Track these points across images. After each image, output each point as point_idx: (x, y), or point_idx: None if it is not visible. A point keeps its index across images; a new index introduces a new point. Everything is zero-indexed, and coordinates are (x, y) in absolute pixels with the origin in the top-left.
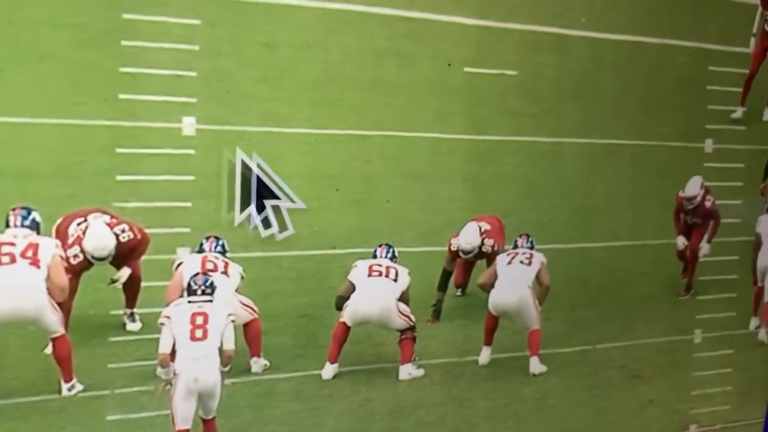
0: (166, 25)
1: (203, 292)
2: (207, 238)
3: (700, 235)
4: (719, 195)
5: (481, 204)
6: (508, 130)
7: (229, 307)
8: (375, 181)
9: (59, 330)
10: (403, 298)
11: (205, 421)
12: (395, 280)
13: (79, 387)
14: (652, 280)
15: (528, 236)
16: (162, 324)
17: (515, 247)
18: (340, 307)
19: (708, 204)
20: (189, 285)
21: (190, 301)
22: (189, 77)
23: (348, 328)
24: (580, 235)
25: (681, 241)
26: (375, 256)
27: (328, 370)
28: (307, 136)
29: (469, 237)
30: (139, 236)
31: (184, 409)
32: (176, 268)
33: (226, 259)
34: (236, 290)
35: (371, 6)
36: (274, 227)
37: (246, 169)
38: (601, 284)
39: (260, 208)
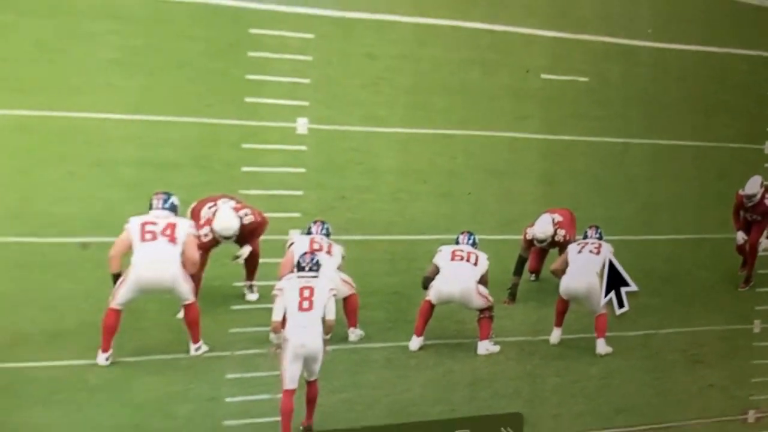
0: (286, 39)
1: (310, 269)
2: (314, 222)
3: (760, 231)
4: None
5: (553, 198)
6: (579, 131)
7: (331, 282)
8: (459, 175)
9: (190, 298)
10: (483, 280)
11: (309, 382)
12: (475, 264)
13: (204, 348)
14: (713, 272)
15: (597, 228)
16: (275, 295)
17: (585, 237)
18: (426, 287)
19: (767, 202)
20: (298, 262)
21: (299, 277)
22: (303, 84)
23: (433, 306)
24: (645, 228)
25: (740, 236)
26: (458, 242)
27: (415, 343)
28: (400, 135)
29: (543, 227)
30: (259, 219)
31: (291, 371)
32: (288, 248)
33: (330, 241)
34: (338, 268)
35: (458, 20)
36: (626, 306)
37: (611, 268)
38: (664, 274)
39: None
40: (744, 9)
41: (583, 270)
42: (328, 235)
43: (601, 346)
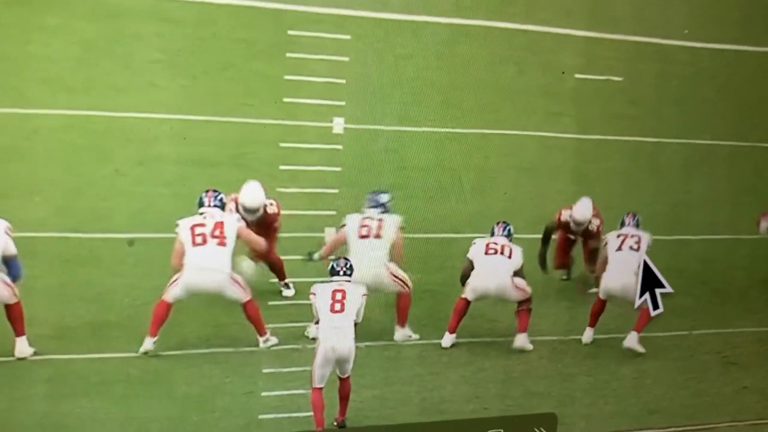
0: (323, 40)
1: (344, 273)
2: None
3: None
4: None
5: (586, 197)
6: (612, 130)
7: (363, 287)
8: (492, 173)
9: (244, 298)
10: (518, 275)
11: (341, 379)
12: (509, 257)
13: (274, 340)
14: (749, 272)
15: (634, 215)
16: (311, 300)
17: (622, 225)
18: (464, 283)
19: None
20: (332, 267)
21: (332, 280)
22: (340, 84)
23: (468, 303)
24: (678, 227)
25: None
26: (493, 234)
27: (447, 339)
28: (434, 134)
29: (583, 210)
30: (278, 212)
31: (321, 373)
32: (341, 228)
33: (382, 216)
34: (392, 245)
35: (493, 21)
36: (661, 308)
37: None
38: (698, 274)
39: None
40: None
41: (621, 269)
42: (385, 208)
43: (632, 340)
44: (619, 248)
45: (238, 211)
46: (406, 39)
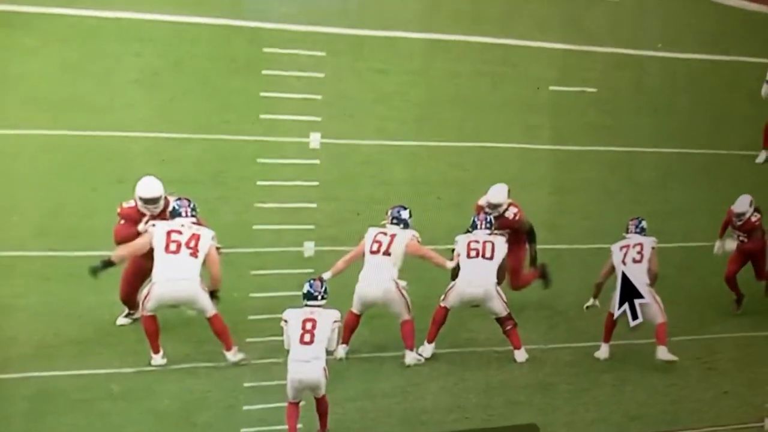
0: (299, 57)
1: (322, 297)
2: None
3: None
4: None
5: (563, 207)
6: (588, 141)
7: (336, 314)
8: (470, 186)
9: (210, 311)
10: (502, 266)
11: (316, 398)
12: (491, 258)
13: (241, 355)
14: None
15: (639, 221)
16: (282, 327)
17: (627, 231)
18: (454, 277)
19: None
20: (308, 291)
21: (306, 305)
22: (316, 100)
23: (447, 311)
24: (656, 235)
25: (718, 245)
26: (475, 226)
27: (427, 349)
28: (412, 148)
29: (496, 193)
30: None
31: (293, 394)
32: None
33: (397, 231)
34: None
35: (469, 35)
36: (640, 318)
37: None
38: (678, 281)
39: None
40: (754, 18)
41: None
42: (406, 224)
43: (662, 353)
44: (623, 262)
45: (139, 210)
46: (382, 55)
